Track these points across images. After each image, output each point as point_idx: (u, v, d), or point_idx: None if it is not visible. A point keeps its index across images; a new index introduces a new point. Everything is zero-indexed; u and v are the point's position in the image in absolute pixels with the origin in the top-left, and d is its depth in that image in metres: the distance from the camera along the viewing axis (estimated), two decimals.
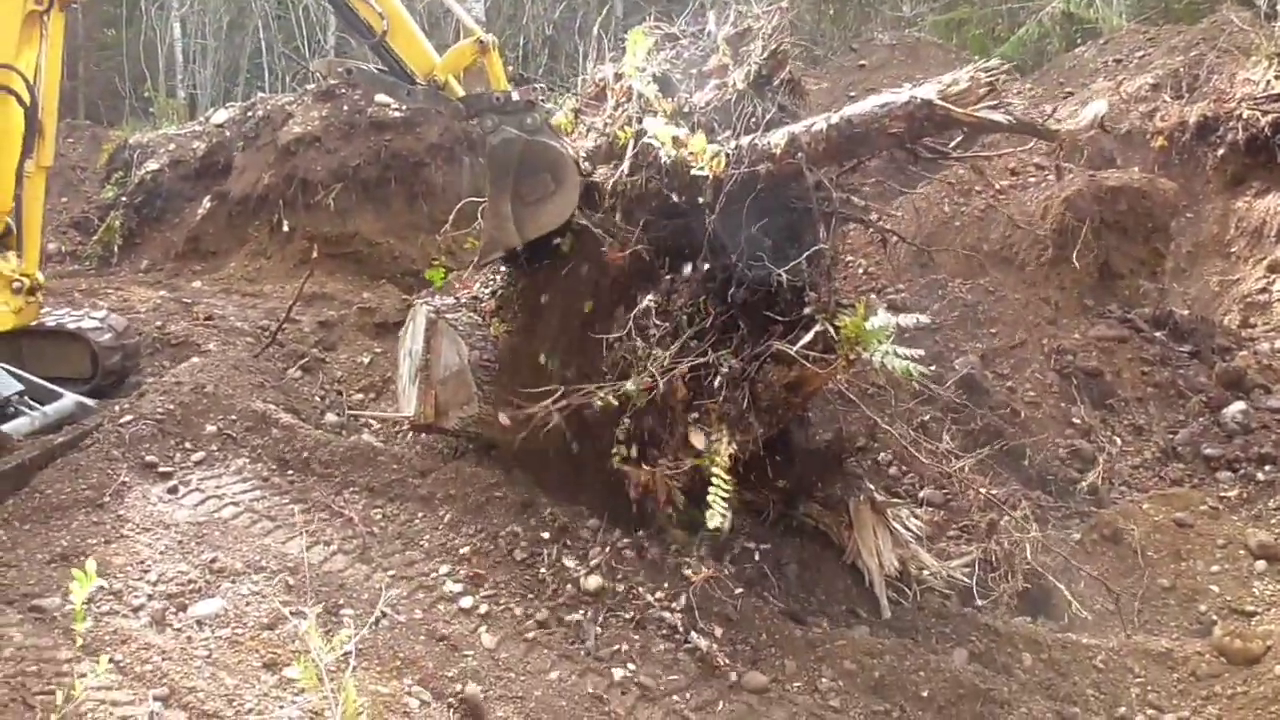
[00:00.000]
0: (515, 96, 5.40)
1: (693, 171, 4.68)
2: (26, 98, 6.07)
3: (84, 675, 4.02)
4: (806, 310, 4.62)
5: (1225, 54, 11.69)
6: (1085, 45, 15.70)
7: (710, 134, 4.92)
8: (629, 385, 4.77)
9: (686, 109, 5.19)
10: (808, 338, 4.50)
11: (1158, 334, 7.52)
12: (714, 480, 4.56)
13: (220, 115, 12.88)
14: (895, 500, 5.79)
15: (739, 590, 4.89)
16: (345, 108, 11.41)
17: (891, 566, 5.27)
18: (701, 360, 4.79)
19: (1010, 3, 20.38)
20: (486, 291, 6.04)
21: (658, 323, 4.92)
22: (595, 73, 5.89)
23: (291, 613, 4.63)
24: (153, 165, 12.40)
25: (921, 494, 6.19)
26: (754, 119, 4.93)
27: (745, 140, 4.80)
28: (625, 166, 5.15)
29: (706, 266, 4.91)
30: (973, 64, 4.30)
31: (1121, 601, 5.42)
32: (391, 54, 5.75)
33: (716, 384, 4.76)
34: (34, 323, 6.83)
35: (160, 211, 12.12)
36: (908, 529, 5.50)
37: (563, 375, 5.37)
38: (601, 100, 5.71)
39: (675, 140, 4.76)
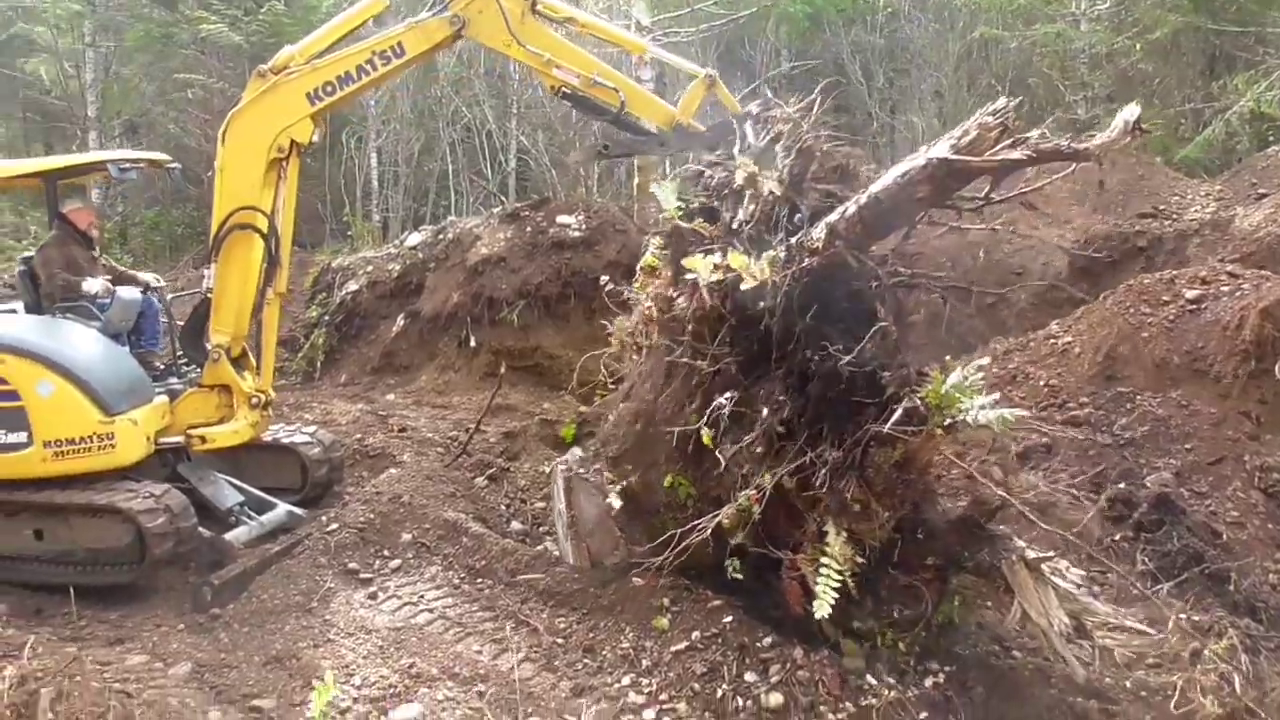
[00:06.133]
0: (754, 110, 6.05)
1: (742, 286, 4.79)
2: (268, 232, 6.72)
3: None
4: (888, 390, 4.59)
5: None
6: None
7: (757, 244, 5.05)
8: (739, 500, 4.85)
9: (735, 225, 5.33)
10: (898, 414, 4.45)
11: None
12: (822, 570, 4.55)
13: (413, 239, 13.76)
14: (1048, 555, 5.42)
15: (924, 715, 4.77)
16: (528, 229, 12.08)
17: (1062, 625, 4.85)
18: (801, 460, 4.77)
19: (1195, 103, 19.66)
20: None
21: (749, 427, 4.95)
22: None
23: None
24: (352, 286, 13.33)
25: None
26: (799, 216, 5.05)
27: (793, 240, 4.90)
28: (703, 293, 5.27)
29: (780, 369, 4.97)
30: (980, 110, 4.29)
31: None
32: (632, 120, 6.41)
33: (820, 479, 4.67)
34: None
35: (358, 329, 13.00)
36: (1069, 580, 5.15)
37: (689, 495, 5.56)
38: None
39: (715, 266, 4.91)
